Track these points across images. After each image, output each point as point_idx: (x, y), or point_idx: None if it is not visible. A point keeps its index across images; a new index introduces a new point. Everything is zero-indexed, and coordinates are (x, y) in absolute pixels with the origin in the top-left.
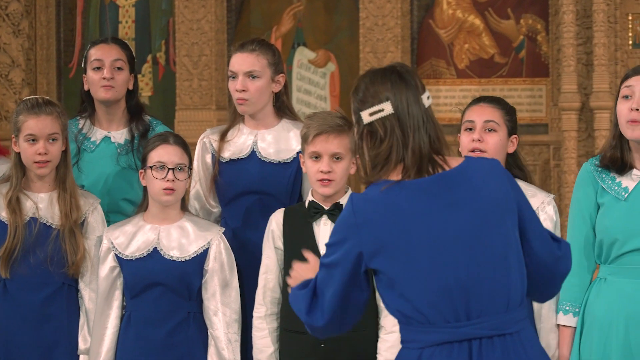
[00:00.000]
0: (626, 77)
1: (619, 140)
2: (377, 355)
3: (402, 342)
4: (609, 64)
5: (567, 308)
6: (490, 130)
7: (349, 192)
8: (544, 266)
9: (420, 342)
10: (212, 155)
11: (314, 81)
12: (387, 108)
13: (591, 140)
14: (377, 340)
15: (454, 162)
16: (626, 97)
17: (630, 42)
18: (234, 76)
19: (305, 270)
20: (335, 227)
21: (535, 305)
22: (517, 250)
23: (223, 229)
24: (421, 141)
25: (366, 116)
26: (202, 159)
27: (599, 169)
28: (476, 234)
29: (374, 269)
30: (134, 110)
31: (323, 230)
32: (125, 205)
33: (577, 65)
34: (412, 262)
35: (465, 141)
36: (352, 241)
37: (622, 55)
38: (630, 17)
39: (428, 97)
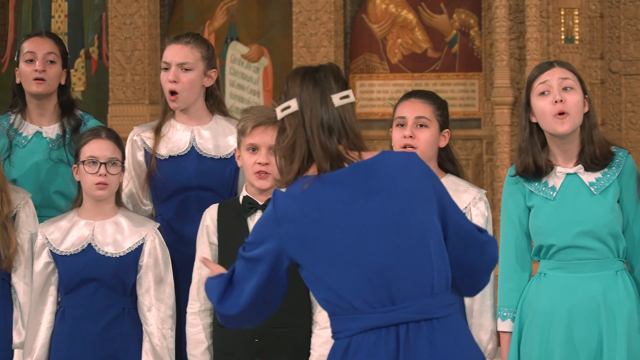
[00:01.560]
0: (535, 77)
1: (529, 142)
2: (311, 351)
3: (332, 335)
4: (542, 58)
5: (505, 314)
6: (421, 126)
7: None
8: (470, 255)
9: (348, 330)
10: (145, 152)
11: (247, 76)
12: (293, 105)
13: None
14: (311, 336)
15: (369, 155)
16: (543, 93)
17: (563, 37)
18: (167, 67)
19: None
20: (257, 224)
21: (467, 300)
22: (438, 236)
23: (158, 225)
24: (327, 139)
25: (279, 112)
26: (133, 157)
27: (519, 177)
28: (393, 221)
29: (297, 263)
30: (66, 105)
31: None
32: (57, 199)
33: (509, 59)
34: (332, 251)
35: (397, 137)
36: (273, 238)
37: (554, 49)
38: (562, 12)
39: (343, 97)
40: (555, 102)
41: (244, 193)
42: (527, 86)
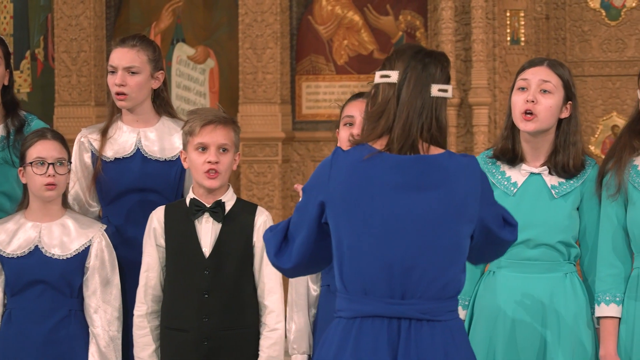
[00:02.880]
0: (522, 69)
1: (511, 131)
2: (260, 352)
3: (336, 311)
4: (487, 60)
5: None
6: (350, 125)
7: (230, 189)
8: (489, 249)
9: (352, 311)
10: (92, 154)
11: (193, 77)
12: (393, 77)
13: (470, 136)
14: (259, 338)
15: (436, 152)
16: (522, 88)
17: (509, 39)
18: (114, 71)
19: None
20: (314, 172)
21: None
22: (466, 247)
23: (105, 226)
24: (413, 122)
25: (377, 76)
26: (80, 159)
27: (490, 162)
28: (433, 221)
29: (329, 224)
30: (10, 105)
31: (205, 227)
32: (3, 200)
33: (455, 61)
34: (366, 230)
35: (345, 136)
36: (321, 189)
37: (500, 51)
38: (508, 14)
39: (442, 90)
40: (527, 101)
41: (190, 195)
42: (515, 76)
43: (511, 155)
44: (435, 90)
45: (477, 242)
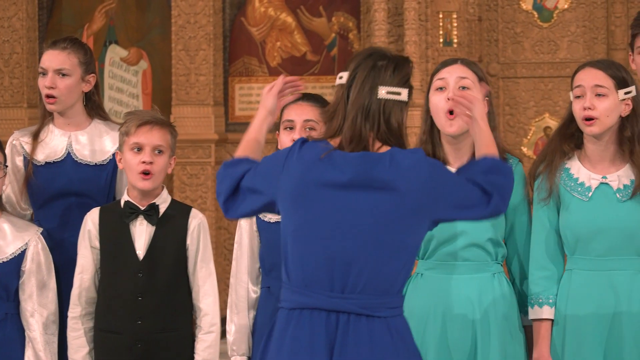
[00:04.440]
0: (437, 70)
1: (429, 135)
2: (195, 355)
3: (280, 301)
4: (420, 61)
5: None
6: (310, 129)
7: (165, 191)
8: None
9: (293, 302)
10: (24, 157)
11: (126, 79)
12: (344, 77)
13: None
14: (193, 340)
15: (383, 149)
16: (440, 88)
17: (441, 40)
18: (44, 73)
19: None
20: (273, 154)
21: None
22: (413, 248)
23: (41, 229)
24: (361, 122)
25: (337, 77)
26: (12, 162)
27: None
28: (376, 217)
29: (279, 212)
30: None
31: (139, 230)
32: None
33: None
34: (312, 224)
35: (286, 141)
36: (273, 181)
37: (433, 53)
38: (441, 16)
39: (392, 93)
40: (448, 99)
41: (125, 197)
42: (430, 79)
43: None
44: (382, 92)
45: (447, 214)
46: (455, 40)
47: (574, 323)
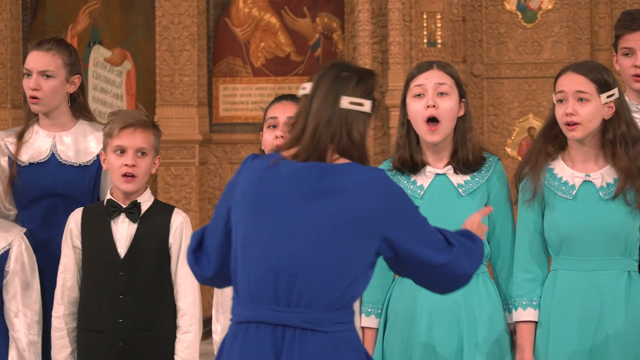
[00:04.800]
0: (414, 76)
1: (407, 139)
2: (175, 356)
3: (231, 315)
4: (405, 62)
5: (369, 310)
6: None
7: (148, 190)
8: (420, 278)
9: (241, 315)
10: (9, 158)
11: (110, 80)
12: (308, 88)
13: (387, 138)
14: (174, 340)
15: (341, 161)
16: (419, 95)
17: (425, 41)
18: (29, 74)
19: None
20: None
21: None
22: (363, 264)
23: (25, 230)
24: (322, 133)
25: (301, 89)
26: None
27: (393, 171)
28: (323, 230)
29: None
30: None
31: (121, 228)
32: None
33: (372, 63)
34: (255, 236)
35: (269, 139)
36: (228, 195)
37: (417, 53)
38: (425, 16)
39: (355, 103)
40: (428, 106)
41: (108, 197)
42: (405, 84)
43: (410, 165)
44: (345, 102)
45: (392, 261)
46: (439, 41)
47: (559, 323)
